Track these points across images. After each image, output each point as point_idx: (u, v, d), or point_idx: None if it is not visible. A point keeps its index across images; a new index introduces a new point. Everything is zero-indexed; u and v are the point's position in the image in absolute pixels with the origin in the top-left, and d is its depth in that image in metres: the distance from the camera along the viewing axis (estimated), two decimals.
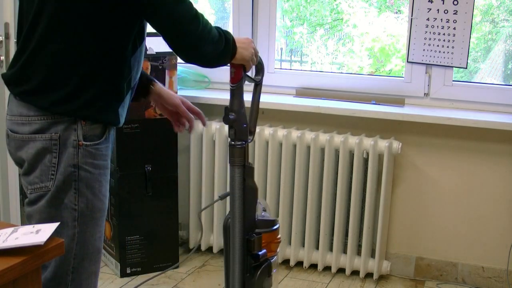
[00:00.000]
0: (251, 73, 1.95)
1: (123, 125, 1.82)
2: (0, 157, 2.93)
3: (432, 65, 3.05)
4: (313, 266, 3.20)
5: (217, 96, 3.22)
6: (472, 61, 3.26)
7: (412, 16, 3.01)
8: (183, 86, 3.33)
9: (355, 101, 3.14)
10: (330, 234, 3.15)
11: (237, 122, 1.90)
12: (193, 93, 3.27)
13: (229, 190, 1.97)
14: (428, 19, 2.99)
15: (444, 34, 2.98)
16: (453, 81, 3.05)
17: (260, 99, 2.02)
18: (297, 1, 3.63)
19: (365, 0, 3.53)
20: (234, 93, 1.90)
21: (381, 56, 3.54)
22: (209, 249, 3.36)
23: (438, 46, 3.00)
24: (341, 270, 3.17)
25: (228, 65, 1.87)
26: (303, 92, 3.27)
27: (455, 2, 2.93)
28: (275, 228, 2.00)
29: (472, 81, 3.25)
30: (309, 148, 3.07)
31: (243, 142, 1.92)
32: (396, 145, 2.97)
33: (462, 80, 3.18)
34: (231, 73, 1.89)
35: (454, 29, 2.96)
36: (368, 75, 3.50)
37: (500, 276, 3.04)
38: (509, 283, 3.02)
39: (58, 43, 1.65)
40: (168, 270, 3.10)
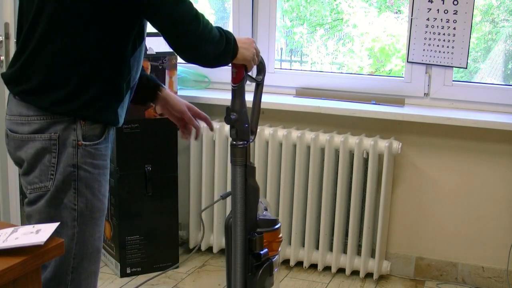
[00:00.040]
0: (252, 73, 1.95)
1: (123, 125, 1.82)
2: (0, 157, 2.93)
3: (432, 65, 3.04)
4: (313, 266, 3.20)
5: (217, 96, 3.22)
6: (472, 61, 3.26)
7: (412, 16, 3.01)
8: (183, 86, 3.33)
9: (355, 101, 3.14)
10: (330, 234, 3.15)
11: (238, 122, 1.90)
12: (193, 93, 3.27)
13: (230, 189, 1.97)
14: (428, 19, 2.99)
15: (444, 34, 2.98)
16: (453, 81, 3.05)
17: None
18: (297, 1, 3.63)
19: (365, 0, 3.52)
20: (236, 93, 1.90)
21: (381, 56, 3.54)
22: (209, 249, 3.36)
23: (438, 46, 3.00)
24: (341, 270, 3.17)
25: (229, 65, 1.87)
26: (303, 92, 3.27)
27: (455, 2, 2.93)
28: (276, 227, 2.00)
29: (472, 81, 3.25)
30: (309, 148, 3.06)
31: (244, 142, 1.92)
32: (396, 145, 2.97)
33: (462, 80, 3.18)
34: (232, 73, 1.88)
35: (454, 29, 2.96)
36: (368, 75, 3.50)
37: (500, 276, 3.04)
38: (509, 283, 3.01)
39: (58, 43, 1.65)
40: (168, 270, 3.10)
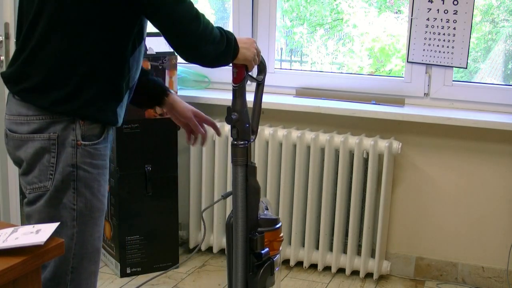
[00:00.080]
0: (252, 73, 1.95)
1: (123, 125, 1.82)
2: (0, 157, 2.93)
3: (432, 65, 3.04)
4: (313, 266, 3.20)
5: (217, 96, 3.22)
6: (472, 61, 3.26)
7: (412, 16, 3.01)
8: (183, 86, 3.33)
9: (355, 101, 3.14)
10: (330, 234, 3.15)
11: (239, 121, 1.90)
12: (193, 93, 3.27)
13: (231, 189, 1.97)
14: (428, 19, 2.99)
15: (444, 34, 2.98)
16: (453, 81, 3.05)
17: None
18: (297, 1, 3.63)
19: (365, 0, 3.52)
20: (237, 93, 1.90)
21: (381, 56, 3.54)
22: (209, 249, 3.36)
23: (438, 46, 3.00)
24: (341, 270, 3.16)
25: (230, 65, 1.87)
26: (303, 92, 3.26)
27: (455, 2, 2.93)
28: (277, 226, 2.00)
29: (472, 81, 3.25)
30: (309, 148, 3.06)
31: (245, 142, 1.92)
32: (396, 145, 2.97)
33: (462, 80, 3.18)
34: (233, 73, 1.89)
35: (454, 29, 2.96)
36: (368, 75, 3.50)
37: (500, 276, 3.04)
38: (509, 283, 3.01)
39: (58, 42, 1.65)
40: (168, 270, 3.10)
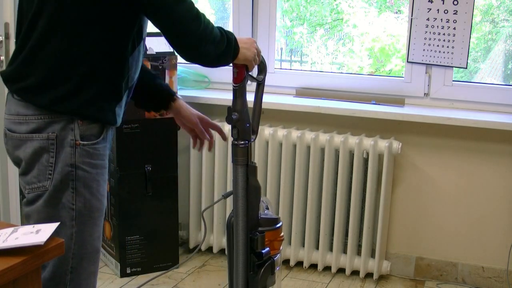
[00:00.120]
0: (253, 73, 1.95)
1: (123, 125, 1.82)
2: (0, 157, 2.93)
3: (432, 65, 3.04)
4: (313, 266, 3.20)
5: (217, 96, 3.22)
6: (472, 61, 3.26)
7: (412, 16, 3.01)
8: (183, 86, 3.33)
9: (355, 101, 3.14)
10: (330, 234, 3.15)
11: (240, 121, 1.90)
12: (193, 93, 3.27)
13: (231, 189, 1.97)
14: (428, 19, 2.99)
15: (444, 34, 2.98)
16: (453, 81, 3.05)
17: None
18: (297, 1, 3.63)
19: (365, 0, 3.52)
20: (237, 93, 1.90)
21: (381, 56, 3.54)
22: (209, 249, 3.36)
23: (438, 46, 3.00)
24: (341, 270, 3.16)
25: (230, 65, 1.87)
26: (303, 92, 3.26)
27: (455, 2, 2.93)
28: (278, 226, 2.00)
29: (472, 81, 3.25)
30: (309, 148, 3.06)
31: (246, 142, 1.92)
32: (396, 145, 2.97)
33: (462, 80, 3.18)
34: (233, 73, 1.89)
35: (454, 29, 2.96)
36: (368, 75, 3.50)
37: (500, 276, 3.04)
38: (509, 283, 3.01)
39: (58, 42, 1.65)
40: (168, 270, 3.10)
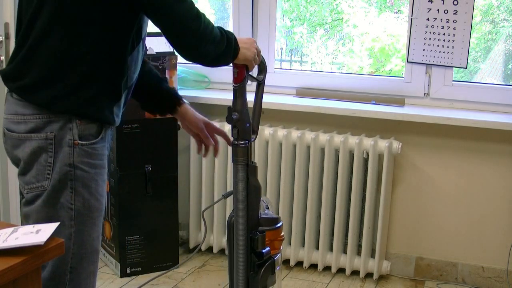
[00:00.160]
0: (253, 73, 1.95)
1: (123, 125, 1.82)
2: (0, 157, 2.93)
3: (432, 65, 3.04)
4: (313, 266, 3.20)
5: (217, 96, 3.22)
6: (472, 61, 3.26)
7: (412, 16, 3.01)
8: (183, 86, 3.33)
9: (355, 101, 3.14)
10: (330, 234, 3.15)
11: (240, 121, 1.90)
12: (193, 93, 3.27)
13: (231, 189, 1.97)
14: (428, 19, 2.99)
15: (444, 34, 2.98)
16: (453, 81, 3.05)
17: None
18: (297, 1, 3.63)
19: (365, 0, 3.52)
20: (237, 92, 1.90)
21: (381, 56, 3.54)
22: (209, 249, 3.36)
23: (438, 46, 3.00)
24: (341, 270, 3.16)
25: (230, 65, 1.87)
26: (303, 92, 3.26)
27: (455, 2, 2.93)
28: (278, 226, 2.00)
29: (472, 81, 3.25)
30: (309, 148, 3.06)
31: (246, 142, 1.92)
32: (396, 145, 2.97)
33: (462, 80, 3.18)
34: (234, 73, 1.89)
35: (454, 29, 2.96)
36: (368, 75, 3.50)
37: (500, 276, 3.04)
38: (509, 283, 3.01)
39: (57, 41, 1.65)
40: (168, 270, 3.10)
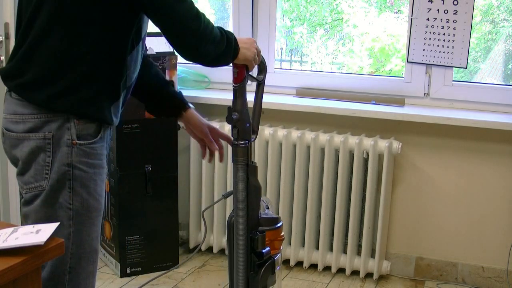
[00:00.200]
0: (252, 73, 1.95)
1: (123, 125, 1.82)
2: (0, 157, 2.93)
3: (432, 65, 3.04)
4: (313, 266, 3.20)
5: (217, 96, 3.22)
6: (472, 61, 3.26)
7: (412, 16, 3.01)
8: (183, 86, 3.33)
9: (355, 101, 3.14)
10: (330, 234, 3.15)
11: (240, 121, 1.90)
12: (193, 93, 3.27)
13: (231, 189, 1.97)
14: (428, 19, 2.99)
15: (444, 34, 2.98)
16: (453, 81, 3.05)
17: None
18: (297, 1, 3.63)
19: (365, 0, 3.52)
20: (237, 92, 1.90)
21: (381, 56, 3.54)
22: (209, 249, 3.36)
23: (438, 46, 3.00)
24: (341, 270, 3.16)
25: (230, 65, 1.87)
26: (303, 92, 3.26)
27: (455, 2, 2.93)
28: (278, 225, 2.00)
29: (472, 81, 3.25)
30: (309, 148, 3.06)
31: (246, 142, 1.92)
32: (396, 145, 2.97)
33: (462, 80, 3.18)
34: (234, 73, 1.89)
35: (454, 29, 2.96)
36: (368, 75, 3.50)
37: (500, 276, 3.04)
38: (509, 283, 3.01)
39: (57, 41, 1.65)
40: (168, 270, 3.10)
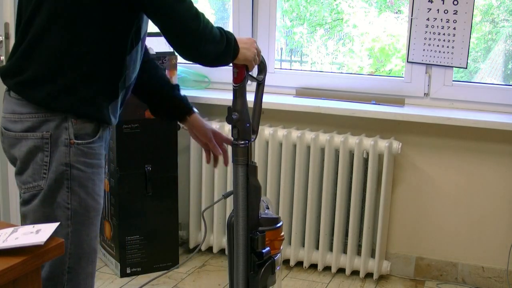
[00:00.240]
0: (252, 73, 1.95)
1: (123, 125, 1.82)
2: (0, 157, 2.92)
3: (432, 65, 3.04)
4: (313, 266, 3.20)
5: (217, 96, 3.22)
6: (472, 61, 3.26)
7: (412, 16, 3.01)
8: (183, 86, 3.31)
9: (355, 101, 3.14)
10: (330, 234, 3.15)
11: (240, 121, 1.90)
12: (193, 93, 3.27)
13: (231, 189, 1.97)
14: (428, 19, 2.99)
15: (444, 34, 2.98)
16: (453, 81, 3.05)
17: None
18: (297, 1, 3.63)
19: (365, 0, 3.52)
20: (237, 93, 1.90)
21: (381, 56, 3.54)
22: (209, 249, 3.36)
23: (438, 46, 3.00)
24: (341, 270, 3.16)
25: (230, 65, 1.87)
26: (303, 92, 3.26)
27: (455, 2, 2.93)
28: (278, 225, 2.00)
29: (472, 81, 3.25)
30: (309, 148, 3.06)
31: (246, 142, 1.92)
32: (396, 145, 2.97)
33: (462, 80, 3.18)
34: (234, 73, 1.88)
35: (454, 29, 2.96)
36: (368, 75, 3.50)
37: (500, 276, 3.04)
38: (509, 283, 3.01)
39: (57, 40, 1.65)
40: (168, 270, 3.10)
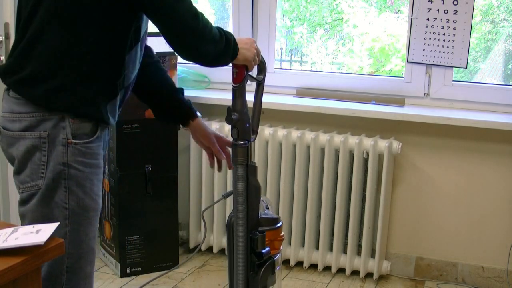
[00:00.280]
0: (252, 73, 1.95)
1: (123, 125, 1.82)
2: (0, 156, 2.92)
3: (432, 65, 3.04)
4: (313, 266, 3.20)
5: (217, 96, 3.22)
6: (472, 61, 3.26)
7: (412, 16, 3.01)
8: (183, 86, 3.31)
9: (355, 101, 3.14)
10: (330, 234, 3.15)
11: (240, 121, 1.90)
12: (193, 93, 3.26)
13: (231, 189, 1.97)
14: (428, 19, 2.99)
15: (444, 34, 2.98)
16: (453, 81, 3.05)
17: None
18: (297, 1, 3.63)
19: (365, 0, 3.52)
20: (237, 93, 1.90)
21: (381, 56, 3.54)
22: (209, 249, 3.36)
23: (438, 46, 3.00)
24: (341, 270, 3.17)
25: (230, 65, 1.87)
26: (303, 92, 3.26)
27: (455, 2, 2.93)
28: (278, 225, 2.00)
29: (472, 81, 3.25)
30: (309, 148, 3.06)
31: (246, 142, 1.92)
32: (396, 145, 2.97)
33: (462, 80, 3.18)
34: (233, 73, 1.88)
35: (454, 29, 2.96)
36: (368, 75, 3.50)
37: (500, 276, 3.04)
38: (509, 283, 3.01)
39: (56, 40, 1.65)
40: (169, 271, 3.10)
